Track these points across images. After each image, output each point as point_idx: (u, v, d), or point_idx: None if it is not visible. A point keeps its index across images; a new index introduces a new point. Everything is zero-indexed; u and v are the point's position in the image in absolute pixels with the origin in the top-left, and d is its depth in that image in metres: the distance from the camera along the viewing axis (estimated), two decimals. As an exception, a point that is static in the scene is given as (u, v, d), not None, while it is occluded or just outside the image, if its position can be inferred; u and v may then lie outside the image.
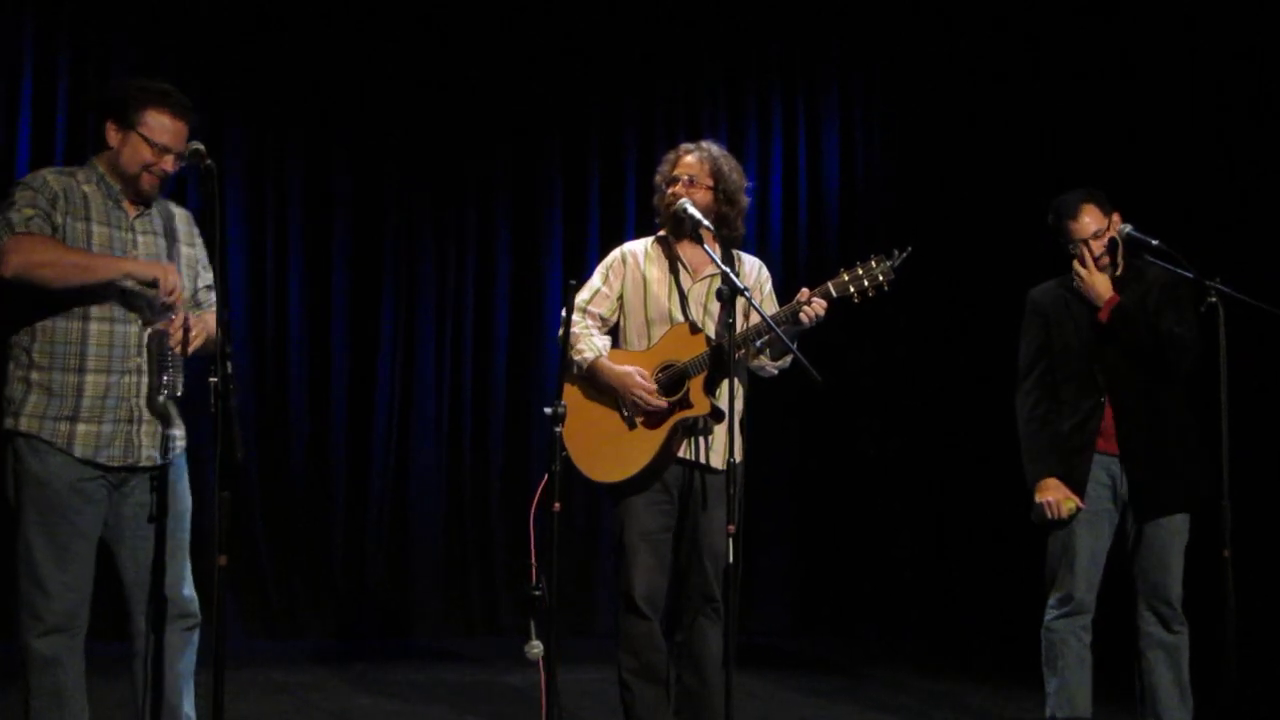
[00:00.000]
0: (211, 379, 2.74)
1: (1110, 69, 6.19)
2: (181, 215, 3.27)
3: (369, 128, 6.46)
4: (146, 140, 3.06)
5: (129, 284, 3.00)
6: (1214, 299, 3.58)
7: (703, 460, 3.60)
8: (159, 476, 3.11)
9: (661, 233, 3.76)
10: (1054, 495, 3.74)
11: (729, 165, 3.69)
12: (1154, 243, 3.74)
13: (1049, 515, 3.75)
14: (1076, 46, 6.33)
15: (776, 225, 6.93)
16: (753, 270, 3.79)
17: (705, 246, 3.51)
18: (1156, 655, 3.76)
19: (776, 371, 3.71)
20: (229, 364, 2.70)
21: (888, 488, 6.76)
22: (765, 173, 6.96)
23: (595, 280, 3.74)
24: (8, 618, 5.55)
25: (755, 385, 3.81)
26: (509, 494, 6.57)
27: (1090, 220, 3.83)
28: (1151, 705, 3.77)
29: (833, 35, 7.03)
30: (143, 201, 3.15)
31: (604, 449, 3.55)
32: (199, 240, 3.31)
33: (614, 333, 3.74)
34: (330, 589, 6.34)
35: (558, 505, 3.14)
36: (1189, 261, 3.66)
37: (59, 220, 3.00)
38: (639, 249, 3.76)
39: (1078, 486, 3.75)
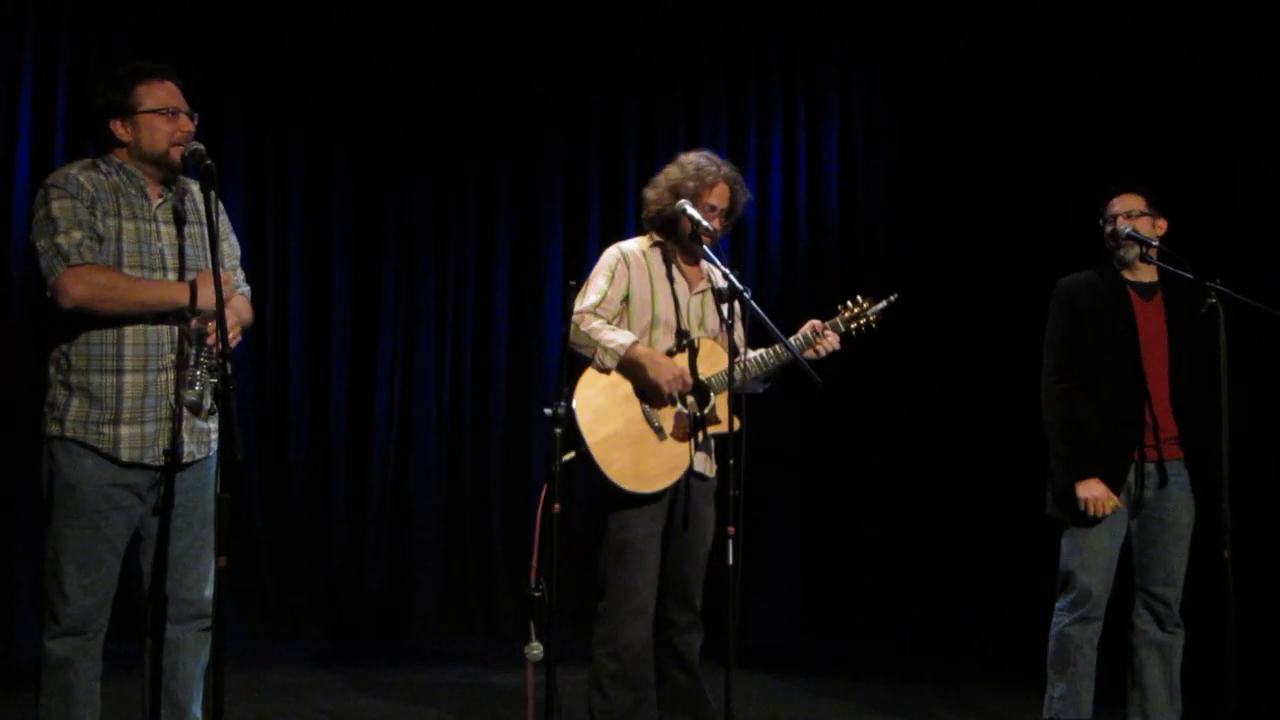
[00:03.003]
0: (211, 380, 2.74)
1: (1111, 69, 6.19)
2: (198, 192, 3.21)
3: (369, 128, 6.46)
4: (153, 113, 3.05)
5: (171, 308, 3.00)
6: (1214, 300, 3.58)
7: (695, 467, 3.61)
8: (196, 474, 3.10)
9: (658, 238, 3.74)
10: (1099, 492, 3.70)
11: (743, 192, 3.75)
12: (1154, 243, 3.74)
13: (1091, 512, 3.71)
14: (1076, 46, 6.33)
15: (776, 225, 6.93)
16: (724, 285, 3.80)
17: (705, 248, 3.51)
18: (1149, 654, 3.76)
19: (762, 390, 3.75)
20: (229, 364, 2.69)
21: (889, 487, 6.75)
22: (765, 173, 6.96)
23: (601, 283, 3.63)
24: (8, 619, 5.62)
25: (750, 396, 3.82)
26: (509, 495, 6.57)
27: (1131, 202, 3.86)
28: (1140, 703, 3.77)
29: (833, 35, 7.02)
30: (175, 173, 3.12)
31: (636, 457, 3.50)
32: (221, 215, 3.29)
33: None
34: (330, 590, 6.34)
35: (557, 506, 3.14)
36: (1189, 262, 3.66)
37: (100, 227, 2.98)
38: (636, 249, 3.72)
39: (1114, 489, 3.74)
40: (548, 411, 3.23)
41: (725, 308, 3.46)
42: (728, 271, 3.35)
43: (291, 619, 6.26)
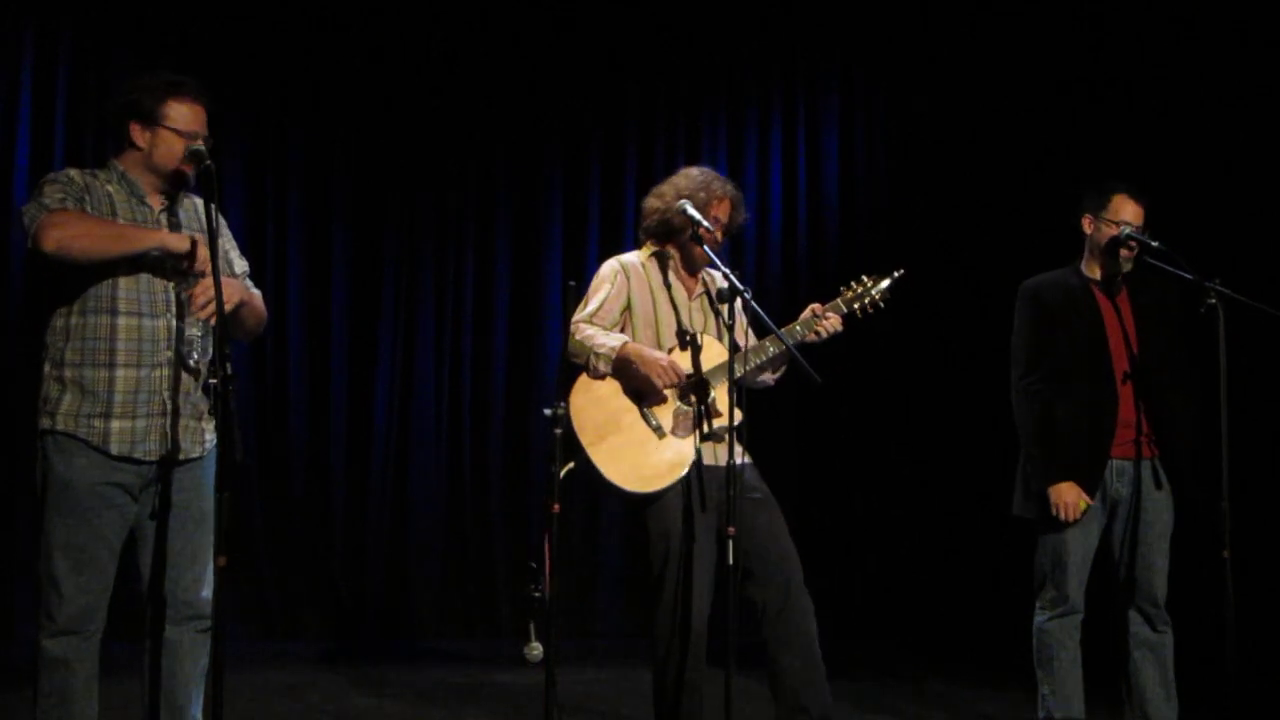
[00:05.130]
0: (211, 380, 2.74)
1: (1111, 68, 6.19)
2: (204, 207, 3.24)
3: (369, 129, 6.46)
4: (175, 132, 3.06)
5: (156, 252, 2.98)
6: (1213, 300, 3.59)
7: (704, 461, 3.60)
8: (191, 473, 3.09)
9: (655, 248, 3.75)
10: (1071, 498, 3.72)
11: (741, 213, 3.75)
12: (1154, 244, 3.74)
13: (1063, 516, 3.73)
14: (1076, 46, 6.33)
15: (776, 225, 6.94)
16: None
17: (706, 248, 3.51)
18: (1142, 654, 3.78)
19: (773, 383, 3.76)
20: (229, 364, 2.69)
21: (889, 487, 6.75)
22: (765, 173, 6.96)
23: (599, 294, 3.66)
24: (9, 618, 5.62)
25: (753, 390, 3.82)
26: (508, 495, 6.57)
27: (1141, 213, 3.84)
28: (1139, 704, 3.79)
29: (833, 35, 7.02)
30: (180, 188, 3.13)
31: (638, 459, 3.50)
32: (226, 230, 3.28)
33: None
34: (330, 589, 6.34)
35: (557, 506, 3.14)
36: (1189, 262, 3.66)
37: (88, 210, 3.00)
38: (635, 261, 3.73)
39: (1088, 489, 3.74)
40: (547, 412, 3.24)
41: (726, 308, 3.46)
42: (728, 271, 3.35)
43: (291, 619, 6.26)
